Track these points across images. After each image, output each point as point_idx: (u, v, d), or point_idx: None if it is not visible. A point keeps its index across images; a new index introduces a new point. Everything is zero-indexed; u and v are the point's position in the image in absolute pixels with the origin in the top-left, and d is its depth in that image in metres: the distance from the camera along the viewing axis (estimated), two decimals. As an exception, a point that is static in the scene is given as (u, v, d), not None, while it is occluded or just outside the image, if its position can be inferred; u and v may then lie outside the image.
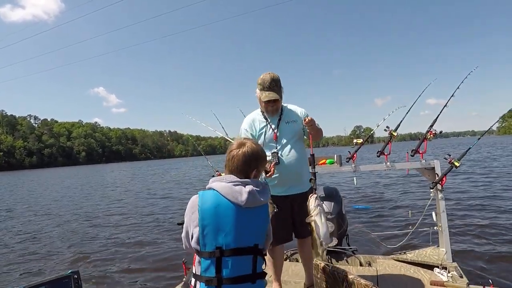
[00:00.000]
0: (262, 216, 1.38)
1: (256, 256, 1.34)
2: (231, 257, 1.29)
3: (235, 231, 1.30)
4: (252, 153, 1.41)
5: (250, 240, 1.33)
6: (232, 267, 1.29)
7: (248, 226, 1.33)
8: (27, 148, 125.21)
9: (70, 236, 6.99)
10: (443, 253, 2.64)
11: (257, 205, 1.35)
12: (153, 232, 6.81)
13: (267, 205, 1.41)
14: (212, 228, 1.30)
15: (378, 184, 11.46)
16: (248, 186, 1.34)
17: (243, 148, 1.41)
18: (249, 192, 1.32)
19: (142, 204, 11.03)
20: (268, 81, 2.12)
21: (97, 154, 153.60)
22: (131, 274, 4.44)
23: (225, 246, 1.29)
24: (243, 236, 1.31)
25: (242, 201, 1.30)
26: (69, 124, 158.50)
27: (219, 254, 1.28)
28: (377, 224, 5.88)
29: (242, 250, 1.31)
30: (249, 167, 1.41)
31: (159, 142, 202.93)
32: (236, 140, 1.48)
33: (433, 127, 2.58)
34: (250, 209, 1.33)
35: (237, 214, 1.31)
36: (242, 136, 2.35)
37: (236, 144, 1.44)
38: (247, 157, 1.39)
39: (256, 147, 1.44)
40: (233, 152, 1.41)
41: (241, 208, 1.31)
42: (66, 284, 1.61)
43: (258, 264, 1.35)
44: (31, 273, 4.75)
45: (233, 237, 1.30)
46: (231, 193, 1.32)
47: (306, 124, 2.10)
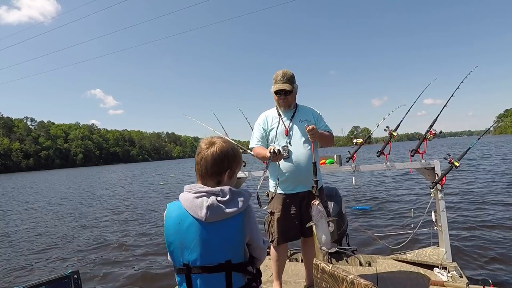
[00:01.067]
0: (232, 229, 1.17)
1: (230, 272, 1.17)
2: (200, 275, 1.17)
3: (200, 248, 1.16)
4: (222, 152, 1.22)
5: (219, 256, 1.16)
6: (201, 285, 1.18)
7: (215, 242, 1.16)
8: (24, 150, 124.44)
9: (70, 236, 6.99)
10: (443, 253, 2.64)
11: (224, 218, 1.16)
12: (153, 232, 6.80)
13: (241, 215, 1.19)
14: (177, 244, 1.19)
15: (377, 184, 11.48)
16: (211, 198, 1.16)
17: (212, 147, 1.23)
18: (208, 206, 1.14)
19: (142, 204, 11.03)
20: (280, 75, 2.23)
21: (94, 156, 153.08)
22: (131, 274, 4.43)
23: (191, 263, 1.17)
24: (210, 253, 1.16)
25: (201, 217, 1.14)
26: (66, 126, 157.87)
27: (187, 272, 1.19)
28: (377, 224, 5.88)
29: (212, 268, 1.16)
30: (220, 168, 1.23)
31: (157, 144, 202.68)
32: (204, 139, 1.28)
33: (433, 127, 2.58)
34: (215, 223, 1.16)
35: (200, 230, 1.16)
36: (255, 131, 2.41)
37: (204, 143, 1.26)
38: (217, 158, 1.21)
39: (226, 145, 1.26)
40: (202, 153, 1.23)
41: (205, 223, 1.16)
42: (66, 284, 1.61)
43: (235, 281, 1.19)
44: (31, 273, 4.75)
45: (198, 254, 1.16)
46: (192, 207, 1.17)
47: (307, 132, 2.10)
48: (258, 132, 2.37)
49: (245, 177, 3.20)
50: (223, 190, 1.19)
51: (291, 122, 2.31)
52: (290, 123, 2.31)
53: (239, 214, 1.19)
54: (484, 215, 5.89)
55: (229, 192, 1.19)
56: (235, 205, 1.18)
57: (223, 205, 1.16)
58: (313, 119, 2.34)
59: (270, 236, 2.36)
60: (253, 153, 2.41)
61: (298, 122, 2.30)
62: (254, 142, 2.37)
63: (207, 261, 1.16)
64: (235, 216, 1.18)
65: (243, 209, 1.19)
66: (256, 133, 2.39)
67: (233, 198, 1.20)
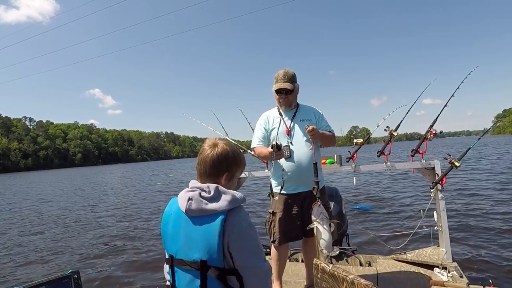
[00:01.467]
0: (210, 227, 1.13)
1: (206, 273, 1.14)
2: (179, 268, 1.21)
3: (181, 240, 1.19)
4: (222, 155, 1.25)
5: (195, 253, 1.15)
6: (181, 278, 1.21)
7: (194, 237, 1.16)
8: (23, 150, 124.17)
9: (70, 236, 6.98)
10: (443, 253, 2.64)
11: (203, 214, 1.16)
12: (153, 232, 6.80)
13: (222, 215, 1.14)
14: (168, 235, 1.24)
15: (378, 184, 11.49)
16: (195, 192, 1.19)
17: (214, 150, 1.26)
18: (189, 198, 1.17)
19: (142, 204, 11.02)
20: (281, 74, 2.23)
21: (93, 155, 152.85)
22: (131, 274, 4.42)
23: (174, 254, 1.21)
24: (189, 247, 1.17)
25: (183, 208, 1.18)
26: (65, 126, 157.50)
27: (171, 262, 1.23)
28: (377, 224, 5.88)
29: (187, 263, 1.17)
30: (218, 170, 1.25)
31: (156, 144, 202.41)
32: (208, 140, 1.32)
33: (433, 127, 2.58)
34: (196, 218, 1.17)
35: (183, 223, 1.19)
36: (257, 131, 2.40)
37: (208, 144, 1.29)
38: (216, 160, 1.24)
39: (227, 148, 1.28)
40: (203, 154, 1.27)
41: (188, 216, 1.18)
42: (66, 284, 1.61)
43: (210, 284, 1.15)
44: (31, 273, 4.74)
45: (179, 247, 1.19)
46: (180, 199, 1.22)
47: (307, 133, 2.10)
48: (260, 132, 2.37)
49: (245, 177, 3.20)
50: (209, 186, 1.20)
51: (292, 121, 2.30)
52: (292, 122, 2.30)
53: (221, 213, 1.15)
54: (484, 215, 5.89)
55: (214, 189, 1.19)
56: (218, 202, 1.16)
57: (205, 200, 1.17)
58: (314, 119, 2.34)
59: (271, 236, 2.36)
60: (255, 153, 2.40)
61: (299, 122, 2.30)
62: (256, 142, 2.37)
63: (186, 255, 1.18)
64: (216, 214, 1.15)
65: (226, 209, 1.15)
66: (257, 133, 2.38)
67: (218, 196, 1.18)
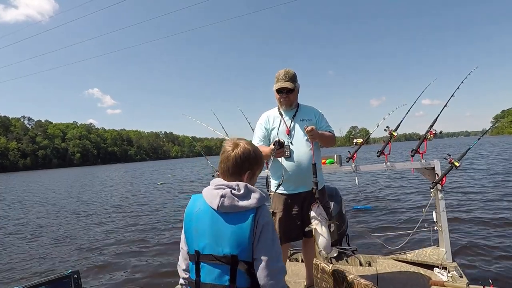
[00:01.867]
0: (242, 223, 1.20)
1: (235, 268, 1.19)
2: (206, 263, 1.24)
3: (209, 236, 1.23)
4: (244, 154, 1.31)
5: (225, 248, 1.20)
6: (207, 273, 1.24)
7: (224, 232, 1.21)
8: (21, 149, 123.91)
9: (70, 236, 6.98)
10: (443, 253, 2.64)
11: (236, 211, 1.21)
12: (152, 232, 6.79)
13: (252, 211, 1.21)
14: (192, 231, 1.28)
15: (377, 184, 11.50)
16: (226, 189, 1.23)
17: (236, 149, 1.31)
18: (222, 196, 1.22)
19: (141, 204, 10.99)
20: (282, 74, 2.22)
21: (92, 155, 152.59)
22: (131, 274, 4.42)
23: (201, 250, 1.24)
24: (218, 243, 1.21)
25: (215, 205, 1.22)
26: (64, 125, 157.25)
27: (196, 258, 1.25)
28: (377, 224, 5.88)
29: (217, 258, 1.21)
30: (241, 169, 1.31)
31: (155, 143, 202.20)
32: (229, 140, 1.38)
33: (433, 127, 2.58)
34: (227, 214, 1.22)
35: (213, 219, 1.23)
36: (257, 130, 2.40)
37: (229, 144, 1.35)
38: (238, 159, 1.30)
39: (249, 147, 1.34)
40: (226, 153, 1.32)
41: (218, 213, 1.23)
42: (66, 284, 1.61)
43: (239, 278, 1.20)
44: (31, 273, 4.73)
45: (207, 242, 1.23)
46: (208, 197, 1.26)
47: (307, 133, 2.10)
48: (260, 132, 2.36)
49: None
50: (238, 184, 1.26)
51: (292, 121, 2.29)
52: (292, 122, 2.29)
53: (251, 209, 1.22)
54: (484, 215, 5.90)
55: (244, 187, 1.25)
56: (248, 200, 1.23)
57: (236, 197, 1.22)
58: (314, 119, 2.33)
59: None
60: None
61: (299, 122, 2.29)
62: (256, 142, 2.36)
63: (214, 251, 1.21)
64: (247, 211, 1.21)
65: (256, 206, 1.22)
66: (258, 133, 2.38)
67: (248, 193, 1.25)
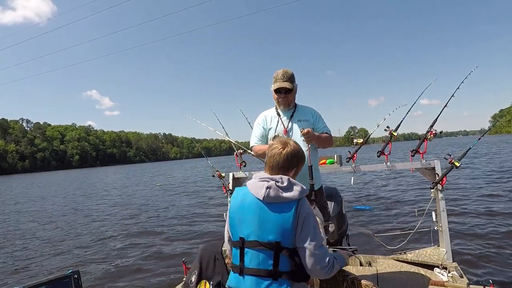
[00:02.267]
0: (284, 214, 1.33)
1: (279, 253, 1.31)
2: (251, 249, 1.36)
3: (255, 224, 1.36)
4: (294, 152, 1.48)
5: (269, 235, 1.32)
6: (252, 258, 1.35)
7: (269, 221, 1.34)
8: (20, 152, 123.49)
9: (69, 236, 7.01)
10: (443, 253, 2.64)
11: (280, 201, 1.35)
12: (152, 232, 6.82)
13: (295, 203, 1.34)
14: (237, 220, 1.42)
15: (377, 184, 11.52)
16: (271, 182, 1.37)
17: (287, 147, 1.48)
18: (267, 187, 1.36)
19: (141, 205, 11.02)
20: (280, 74, 2.22)
21: (91, 157, 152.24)
22: (131, 274, 4.44)
23: (246, 237, 1.37)
24: (263, 230, 1.34)
25: (261, 196, 1.35)
26: (62, 128, 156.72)
27: (241, 244, 1.38)
28: (377, 224, 5.90)
29: (262, 244, 1.33)
30: (290, 165, 1.47)
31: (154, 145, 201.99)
32: (278, 139, 1.56)
33: (433, 127, 2.57)
34: (271, 204, 1.36)
35: (258, 208, 1.37)
36: (255, 129, 2.40)
37: (279, 142, 1.51)
38: (289, 155, 1.46)
39: (298, 146, 1.52)
40: (276, 150, 1.48)
41: (263, 203, 1.36)
42: (66, 284, 1.63)
43: (282, 262, 1.32)
44: (31, 273, 4.75)
45: (253, 230, 1.36)
46: (254, 188, 1.40)
47: (303, 135, 2.10)
48: (258, 131, 2.36)
49: (245, 177, 3.19)
50: (282, 178, 1.41)
51: (290, 121, 2.29)
52: (289, 122, 2.29)
53: (294, 201, 1.35)
54: (484, 215, 5.91)
55: (287, 180, 1.40)
56: (291, 192, 1.36)
57: (280, 189, 1.36)
58: (312, 119, 2.33)
59: None
60: (254, 151, 2.39)
61: (297, 122, 2.29)
62: (254, 141, 2.36)
63: (259, 237, 1.34)
64: (290, 202, 1.35)
65: (298, 198, 1.36)
66: (256, 132, 2.38)
67: (291, 186, 1.39)
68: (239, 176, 3.19)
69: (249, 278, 1.35)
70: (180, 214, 8.66)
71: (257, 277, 1.33)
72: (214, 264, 2.11)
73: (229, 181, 3.20)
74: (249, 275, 1.35)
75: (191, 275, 2.13)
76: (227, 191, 3.14)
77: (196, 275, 2.10)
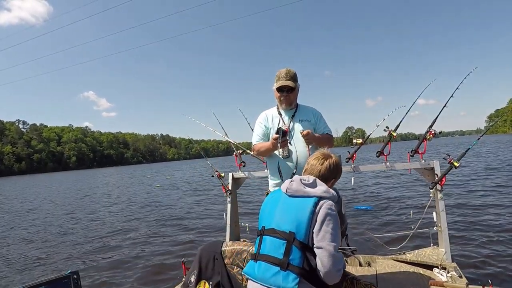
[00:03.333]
0: (303, 207, 1.38)
1: (291, 244, 1.34)
2: (268, 236, 1.43)
3: (275, 213, 1.45)
4: (336, 164, 1.61)
5: (286, 225, 1.38)
6: (267, 245, 1.41)
7: (288, 212, 1.41)
8: (16, 153, 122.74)
9: (69, 236, 7.00)
10: (443, 253, 2.64)
11: (301, 195, 1.42)
12: (152, 232, 6.80)
13: (315, 199, 1.39)
14: (263, 212, 1.54)
15: (377, 184, 11.52)
16: (298, 178, 1.49)
17: (330, 158, 1.61)
18: (292, 181, 1.48)
19: (141, 205, 11.00)
20: (283, 72, 2.22)
21: (88, 158, 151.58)
22: (131, 274, 4.42)
23: (267, 226, 1.46)
24: (282, 220, 1.41)
25: (284, 188, 1.48)
26: (59, 129, 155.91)
27: (261, 232, 1.46)
28: (376, 224, 5.89)
29: (277, 232, 1.39)
30: (331, 175, 1.59)
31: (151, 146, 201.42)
32: (322, 151, 1.67)
33: (432, 127, 2.58)
34: (293, 198, 1.44)
35: (282, 200, 1.48)
36: (257, 128, 2.39)
37: (323, 154, 1.64)
38: (331, 167, 1.58)
39: (339, 160, 1.65)
40: (320, 160, 1.60)
41: (286, 196, 1.47)
42: (66, 284, 1.63)
43: (293, 254, 1.33)
44: (31, 273, 4.74)
45: (272, 218, 1.45)
46: (284, 184, 1.52)
47: (303, 137, 2.10)
48: (260, 129, 2.35)
49: (245, 177, 3.18)
50: (309, 177, 1.51)
51: (291, 121, 2.28)
52: (291, 122, 2.28)
53: (315, 198, 1.40)
54: (484, 215, 5.91)
55: (313, 179, 1.49)
56: (314, 188, 1.44)
57: (303, 184, 1.45)
58: (313, 119, 2.33)
59: None
60: (255, 149, 2.36)
61: (298, 122, 2.28)
62: (256, 139, 2.35)
63: (277, 226, 1.41)
64: (310, 197, 1.41)
65: (319, 195, 1.41)
66: (257, 130, 2.36)
67: (315, 184, 1.47)
68: (238, 176, 3.19)
69: (260, 263, 1.39)
70: (180, 214, 8.64)
71: (267, 263, 1.36)
72: (213, 264, 2.10)
73: (229, 181, 3.19)
74: (261, 261, 1.39)
75: (191, 275, 2.12)
76: (227, 191, 3.13)
77: (195, 275, 2.08)
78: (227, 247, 2.15)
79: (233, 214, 3.21)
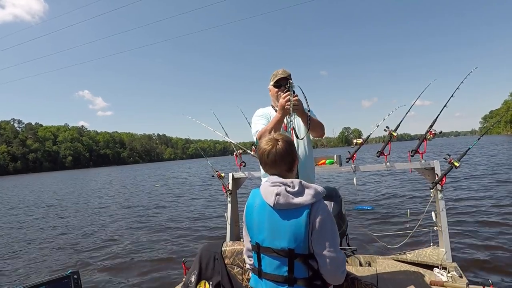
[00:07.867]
0: (296, 220, 1.25)
1: (293, 260, 1.26)
2: (266, 255, 1.33)
3: (267, 230, 1.31)
4: (289, 144, 1.38)
5: (282, 242, 1.27)
6: (268, 264, 1.33)
7: (281, 228, 1.28)
8: (11, 153, 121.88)
9: (69, 237, 6.98)
10: (443, 253, 2.64)
11: (291, 208, 1.27)
12: (152, 232, 6.78)
13: (307, 208, 1.26)
14: (252, 224, 1.38)
15: (377, 184, 11.54)
16: (281, 187, 1.29)
17: (277, 143, 1.35)
18: (277, 193, 1.28)
19: (141, 205, 10.99)
20: (280, 71, 2.20)
21: (84, 158, 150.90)
22: (131, 274, 4.41)
23: (261, 242, 1.34)
24: (275, 237, 1.29)
25: (271, 203, 1.29)
26: (55, 128, 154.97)
27: (257, 249, 1.35)
28: (377, 224, 5.90)
29: (275, 251, 1.29)
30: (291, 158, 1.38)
31: (148, 146, 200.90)
32: (265, 138, 1.41)
33: (432, 127, 2.58)
34: (282, 211, 1.28)
35: (269, 215, 1.31)
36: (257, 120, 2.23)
37: (265, 141, 1.38)
38: (288, 149, 1.36)
39: (289, 139, 1.40)
40: (267, 146, 1.36)
41: (274, 209, 1.30)
42: (66, 284, 1.62)
43: (297, 269, 1.27)
44: (31, 273, 4.73)
45: (265, 236, 1.32)
46: (265, 193, 1.34)
47: (293, 101, 1.88)
48: (262, 119, 2.22)
49: (245, 177, 3.17)
50: (293, 182, 1.32)
51: (288, 118, 2.17)
52: (288, 119, 2.19)
53: (306, 206, 1.26)
54: (484, 215, 5.93)
55: (298, 184, 1.31)
56: (303, 196, 1.28)
57: (291, 195, 1.28)
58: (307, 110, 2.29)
59: None
60: (262, 132, 2.09)
61: (295, 118, 2.18)
62: (259, 127, 2.16)
63: (272, 244, 1.30)
64: (302, 207, 1.26)
65: (310, 202, 1.26)
66: (260, 121, 2.21)
67: (302, 190, 1.30)
68: (238, 177, 3.17)
69: (267, 282, 1.34)
70: (180, 214, 8.62)
71: (274, 282, 1.32)
72: (213, 264, 2.09)
73: (229, 181, 3.17)
74: (267, 280, 1.34)
75: (191, 275, 2.10)
76: (227, 191, 3.12)
77: (195, 275, 2.07)
78: (227, 247, 2.13)
79: (233, 214, 3.21)
